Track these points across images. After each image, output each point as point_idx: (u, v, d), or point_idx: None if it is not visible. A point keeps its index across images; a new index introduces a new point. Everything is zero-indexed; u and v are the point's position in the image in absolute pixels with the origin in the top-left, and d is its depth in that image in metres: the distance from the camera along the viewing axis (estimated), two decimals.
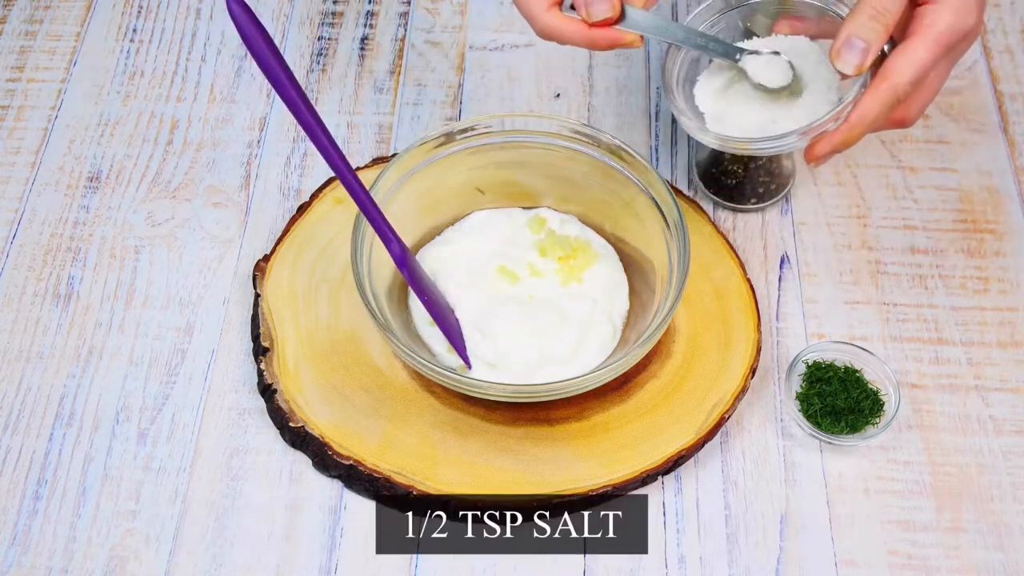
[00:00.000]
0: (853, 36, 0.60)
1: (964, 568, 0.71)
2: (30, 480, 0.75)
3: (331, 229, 0.84)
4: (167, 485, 0.75)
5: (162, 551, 0.72)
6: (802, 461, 0.76)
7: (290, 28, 1.00)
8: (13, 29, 0.99)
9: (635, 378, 0.77)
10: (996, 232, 0.87)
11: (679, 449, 0.74)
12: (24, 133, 0.92)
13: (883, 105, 0.61)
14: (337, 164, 0.70)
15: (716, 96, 0.71)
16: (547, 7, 0.65)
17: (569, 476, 0.73)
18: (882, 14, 0.59)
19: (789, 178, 0.87)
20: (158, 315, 0.82)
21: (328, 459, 0.74)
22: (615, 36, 0.65)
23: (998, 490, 0.74)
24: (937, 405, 0.78)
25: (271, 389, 0.76)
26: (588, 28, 0.64)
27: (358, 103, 0.94)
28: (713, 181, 0.87)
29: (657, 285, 0.77)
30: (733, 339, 0.78)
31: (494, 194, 0.83)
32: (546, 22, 0.64)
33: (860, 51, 0.60)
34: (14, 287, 0.84)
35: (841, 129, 0.63)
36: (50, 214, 0.88)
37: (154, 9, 1.01)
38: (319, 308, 0.80)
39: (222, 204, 0.88)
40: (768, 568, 0.72)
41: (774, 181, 0.86)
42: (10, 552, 0.72)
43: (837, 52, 0.61)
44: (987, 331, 0.81)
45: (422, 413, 0.76)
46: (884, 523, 0.73)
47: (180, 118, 0.93)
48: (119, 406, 0.78)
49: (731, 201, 0.86)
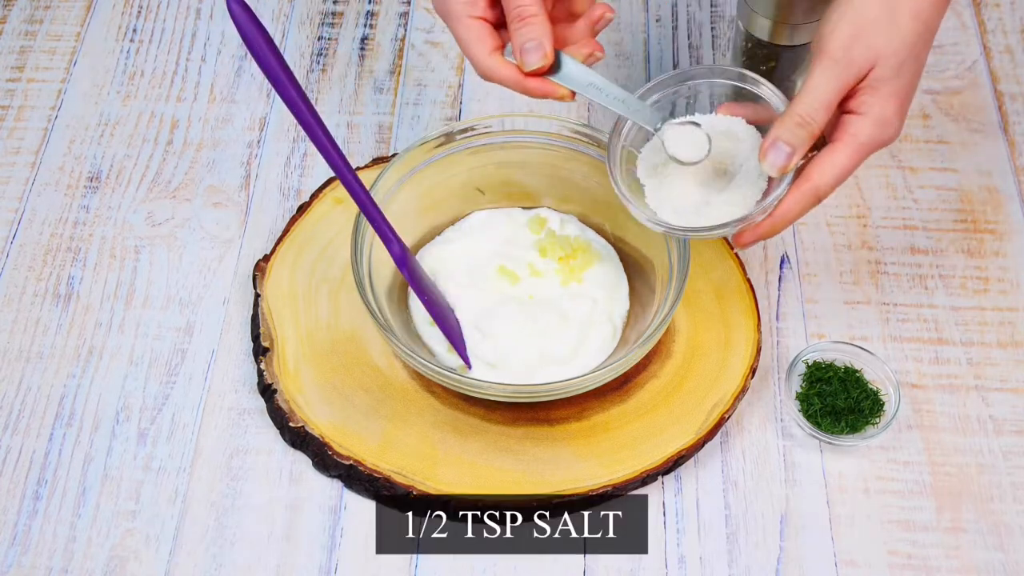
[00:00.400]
0: (779, 140, 0.64)
1: (964, 568, 0.71)
2: (30, 480, 0.75)
3: (331, 229, 0.84)
4: (167, 485, 0.75)
5: (162, 551, 0.72)
6: (802, 461, 0.76)
7: (290, 28, 1.00)
8: (13, 29, 0.99)
9: (635, 378, 0.77)
10: (996, 232, 0.87)
11: (679, 449, 0.74)
12: (24, 133, 0.92)
13: (806, 205, 0.66)
14: (337, 164, 0.70)
15: (651, 172, 0.71)
16: (489, 51, 0.66)
17: (569, 476, 0.73)
18: (808, 123, 0.63)
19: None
20: (158, 315, 0.82)
21: (328, 459, 0.74)
22: (548, 88, 0.66)
23: (998, 490, 0.74)
24: (937, 405, 0.78)
25: (271, 389, 0.76)
26: (523, 76, 0.65)
27: (358, 103, 0.94)
28: None
29: (657, 285, 0.77)
30: (733, 339, 0.78)
31: (494, 194, 0.83)
32: (487, 66, 0.66)
33: (785, 155, 0.64)
34: (14, 287, 0.84)
35: (766, 223, 0.67)
36: (50, 214, 0.88)
37: (154, 9, 1.01)
38: (319, 308, 0.80)
39: (222, 204, 0.88)
40: (768, 568, 0.72)
41: None
42: (10, 552, 0.72)
43: (764, 153, 0.64)
44: (987, 331, 0.81)
45: (422, 413, 0.76)
46: (884, 523, 0.73)
47: (180, 118, 0.93)
48: (119, 406, 0.78)
49: None
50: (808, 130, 0.63)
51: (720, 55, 0.97)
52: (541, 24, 0.64)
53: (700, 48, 0.98)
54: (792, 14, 0.72)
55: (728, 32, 0.99)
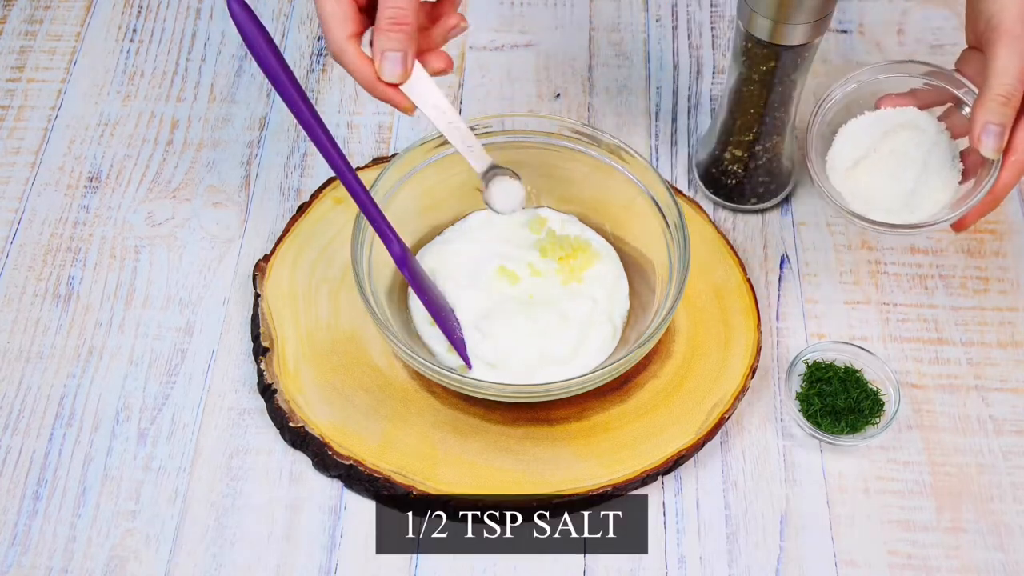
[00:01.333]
0: (989, 123, 0.67)
1: (964, 568, 0.71)
2: (30, 480, 0.75)
3: (331, 229, 0.84)
4: (167, 485, 0.75)
5: (162, 551, 0.72)
6: (802, 461, 0.76)
7: (290, 28, 1.00)
8: (13, 29, 0.99)
9: (635, 378, 0.77)
10: (996, 232, 0.87)
11: (679, 449, 0.74)
12: (24, 133, 0.92)
13: (1018, 174, 0.69)
14: (337, 164, 0.70)
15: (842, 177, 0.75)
16: (348, 35, 0.64)
17: (569, 476, 0.73)
18: (1009, 99, 0.66)
19: (789, 178, 0.87)
20: (158, 315, 0.82)
21: (328, 459, 0.74)
22: (394, 97, 0.66)
23: (998, 490, 0.74)
24: (937, 405, 0.78)
25: (271, 389, 0.76)
26: (374, 76, 0.65)
27: (358, 103, 0.94)
28: (713, 181, 0.87)
29: (657, 285, 0.77)
30: (733, 339, 0.78)
31: None
32: (342, 49, 0.65)
33: (997, 135, 0.67)
34: (14, 287, 0.84)
35: (987, 201, 0.70)
36: (50, 214, 0.88)
37: (154, 9, 1.01)
38: (319, 308, 0.80)
39: (222, 204, 0.88)
40: (768, 568, 0.72)
41: (774, 181, 0.86)
42: (10, 552, 0.72)
43: (978, 139, 0.67)
44: (987, 331, 0.81)
45: (422, 413, 0.76)
46: (884, 523, 0.73)
47: (180, 118, 0.93)
48: (119, 406, 0.78)
49: (731, 201, 0.86)
50: (1011, 106, 0.66)
51: (720, 55, 0.97)
52: (409, 36, 0.64)
53: (700, 48, 0.98)
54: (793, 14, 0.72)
55: (728, 32, 0.99)
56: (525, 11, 1.01)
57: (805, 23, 0.73)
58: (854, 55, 0.97)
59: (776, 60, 0.76)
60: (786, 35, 0.74)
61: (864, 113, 0.76)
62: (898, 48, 0.98)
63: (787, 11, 0.72)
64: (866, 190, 0.74)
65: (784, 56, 0.76)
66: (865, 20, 1.00)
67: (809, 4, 0.72)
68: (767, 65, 0.77)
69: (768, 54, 0.76)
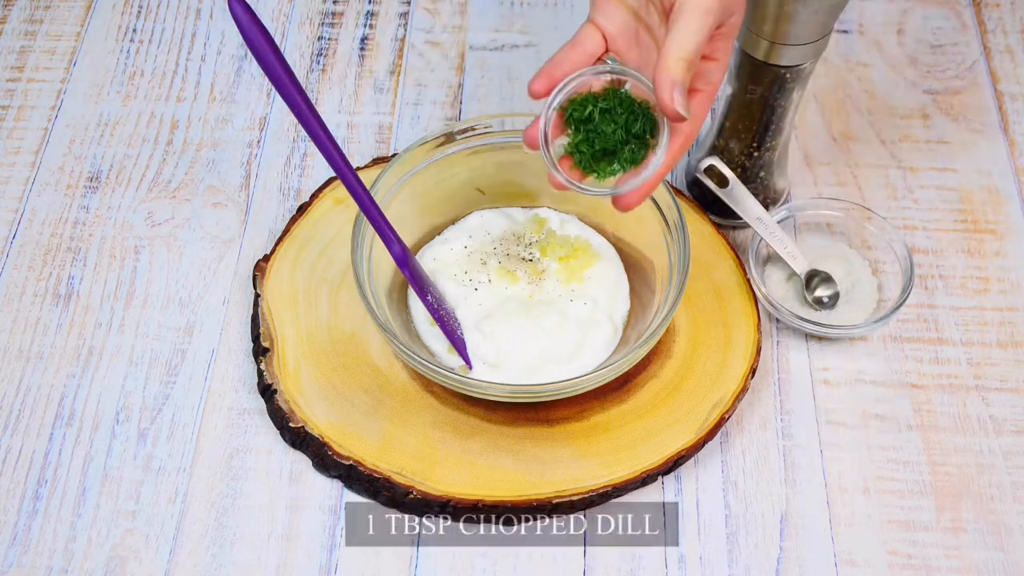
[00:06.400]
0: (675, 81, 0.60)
1: (964, 568, 0.71)
2: (30, 480, 0.75)
3: (331, 229, 0.84)
4: (167, 485, 0.75)
5: (162, 551, 0.72)
6: (802, 461, 0.76)
7: (290, 28, 1.00)
8: (13, 29, 0.99)
9: (635, 378, 0.77)
10: (996, 232, 0.87)
11: (679, 449, 0.74)
12: (24, 133, 0.92)
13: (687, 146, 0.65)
14: (337, 164, 0.70)
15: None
16: None
17: (569, 476, 0.73)
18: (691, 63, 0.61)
19: (781, 194, 0.86)
20: (158, 315, 0.82)
21: (328, 459, 0.74)
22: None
23: (998, 490, 0.74)
24: (937, 405, 0.78)
25: (271, 389, 0.76)
26: None
27: (358, 103, 0.94)
28: (703, 193, 0.86)
29: (657, 285, 0.77)
30: (733, 339, 0.78)
31: (494, 194, 0.83)
32: None
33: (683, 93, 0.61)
34: (14, 287, 0.84)
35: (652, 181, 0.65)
36: (50, 214, 0.88)
37: (154, 9, 1.01)
38: (319, 308, 0.80)
39: (222, 204, 0.88)
40: (768, 568, 0.72)
41: (768, 197, 0.85)
42: (10, 552, 0.72)
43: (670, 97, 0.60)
44: (987, 331, 0.81)
45: (422, 413, 0.76)
46: (884, 523, 0.73)
47: (180, 118, 0.93)
48: (119, 406, 0.78)
49: (721, 216, 0.85)
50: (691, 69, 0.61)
51: None
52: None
53: None
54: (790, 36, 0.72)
55: None
56: (525, 11, 1.01)
57: (803, 44, 0.73)
58: (854, 55, 0.97)
59: (773, 80, 0.76)
60: (784, 56, 0.73)
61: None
62: (898, 48, 0.98)
63: (785, 33, 0.72)
64: None
65: (780, 76, 0.75)
66: (865, 20, 1.00)
67: (807, 27, 0.71)
68: (764, 84, 0.77)
69: (765, 74, 0.76)
